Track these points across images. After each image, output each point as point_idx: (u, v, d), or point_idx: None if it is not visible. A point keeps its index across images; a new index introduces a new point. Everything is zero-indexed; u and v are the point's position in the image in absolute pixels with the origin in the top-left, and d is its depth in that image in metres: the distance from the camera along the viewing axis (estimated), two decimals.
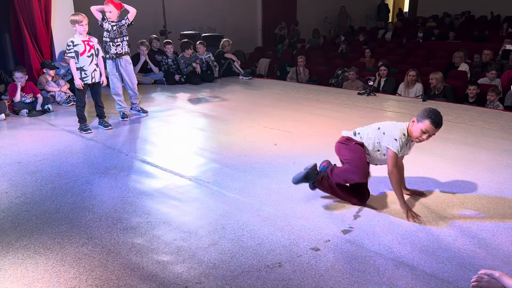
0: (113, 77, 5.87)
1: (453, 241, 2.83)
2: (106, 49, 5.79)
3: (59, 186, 3.77)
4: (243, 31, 13.68)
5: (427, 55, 10.18)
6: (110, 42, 5.75)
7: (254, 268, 2.57)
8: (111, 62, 5.83)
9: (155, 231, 3.01)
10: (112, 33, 5.73)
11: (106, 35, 5.76)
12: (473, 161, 4.26)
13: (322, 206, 3.34)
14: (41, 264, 2.64)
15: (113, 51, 5.78)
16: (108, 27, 5.73)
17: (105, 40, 5.78)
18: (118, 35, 5.76)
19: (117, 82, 5.91)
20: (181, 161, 4.40)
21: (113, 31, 5.72)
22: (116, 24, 5.74)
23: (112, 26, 5.72)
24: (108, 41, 5.76)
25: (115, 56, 5.81)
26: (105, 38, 5.78)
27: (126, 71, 5.92)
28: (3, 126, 5.82)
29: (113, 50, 5.77)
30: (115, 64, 5.84)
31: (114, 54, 5.79)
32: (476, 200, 3.42)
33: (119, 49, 5.80)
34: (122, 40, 5.80)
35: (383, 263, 2.60)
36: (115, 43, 5.76)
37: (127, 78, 5.95)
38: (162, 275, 2.52)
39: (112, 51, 5.77)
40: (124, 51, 5.87)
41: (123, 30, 5.80)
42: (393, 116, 6.18)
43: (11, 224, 3.12)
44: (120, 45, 5.80)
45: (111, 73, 5.86)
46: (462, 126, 5.49)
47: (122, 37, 5.79)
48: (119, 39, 5.77)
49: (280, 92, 7.88)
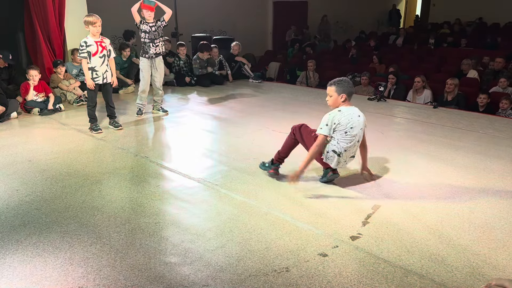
0: (146, 75, 6.04)
1: (463, 250, 2.80)
2: (145, 49, 5.94)
3: (68, 185, 3.80)
4: (254, 35, 13.71)
5: (438, 62, 10.12)
6: (150, 42, 5.91)
7: (261, 272, 2.56)
8: (147, 61, 5.98)
9: (163, 232, 3.02)
10: (151, 34, 5.90)
11: (144, 36, 5.91)
12: (484, 170, 4.22)
13: (331, 211, 3.32)
14: (50, 262, 2.66)
15: (153, 51, 5.94)
16: (146, 29, 5.87)
17: (144, 41, 5.94)
18: (157, 36, 5.94)
19: (149, 80, 6.09)
20: (190, 163, 4.41)
21: (152, 32, 5.90)
22: (154, 25, 5.90)
23: (151, 27, 5.88)
24: (147, 42, 5.91)
25: (154, 56, 5.98)
26: (143, 39, 5.94)
27: (159, 70, 6.11)
28: (15, 124, 5.88)
29: (152, 50, 5.93)
30: (151, 63, 6.01)
31: (154, 54, 5.96)
32: (487, 210, 3.38)
33: (158, 49, 5.98)
34: (160, 41, 5.99)
35: (392, 271, 2.58)
36: (155, 44, 5.93)
37: (158, 76, 6.14)
38: (170, 276, 2.52)
39: (151, 51, 5.93)
40: (162, 51, 6.07)
41: (160, 31, 5.98)
42: (403, 122, 6.15)
43: (21, 222, 3.15)
44: (159, 46, 5.99)
45: (144, 70, 6.02)
46: (474, 134, 5.44)
47: (160, 38, 5.98)
48: (158, 40, 5.95)
49: (289, 96, 7.86)
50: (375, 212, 3.31)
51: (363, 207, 3.40)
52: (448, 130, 5.60)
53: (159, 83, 6.17)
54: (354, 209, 3.36)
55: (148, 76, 6.06)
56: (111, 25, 7.73)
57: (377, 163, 4.35)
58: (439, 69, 9.44)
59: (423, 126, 5.83)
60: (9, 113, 5.96)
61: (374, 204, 3.43)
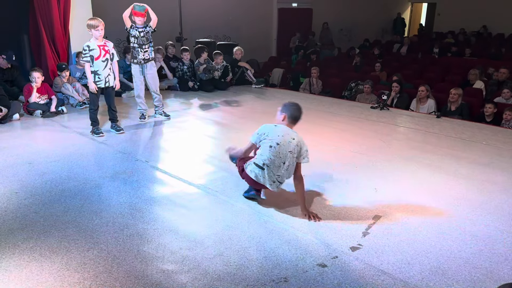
0: (138, 80, 6.06)
1: (464, 264, 2.76)
2: (134, 54, 5.96)
3: (68, 189, 3.78)
4: (258, 40, 13.74)
5: (442, 71, 10.09)
6: (139, 48, 5.92)
7: (260, 282, 2.53)
8: (138, 67, 6.00)
9: (161, 238, 2.99)
10: (140, 40, 5.89)
11: (134, 41, 5.92)
12: (487, 181, 4.18)
13: (331, 221, 3.29)
14: (46, 267, 2.63)
15: (141, 57, 5.95)
16: (135, 34, 5.88)
17: (133, 46, 5.95)
18: (145, 41, 5.94)
19: (141, 85, 6.11)
20: (191, 169, 4.39)
21: (140, 38, 5.90)
22: (143, 31, 5.91)
23: (139, 33, 5.88)
24: (136, 47, 5.92)
25: (143, 61, 5.98)
26: (133, 44, 5.95)
27: (151, 75, 6.12)
28: (17, 126, 5.89)
29: (141, 55, 5.94)
30: (141, 68, 6.02)
31: (142, 59, 5.96)
32: (489, 222, 3.34)
33: (146, 55, 5.98)
34: (149, 46, 5.99)
35: (391, 283, 2.55)
36: (143, 49, 5.93)
37: (152, 81, 6.15)
38: (166, 284, 2.49)
39: (140, 57, 5.95)
40: (151, 57, 6.06)
41: (148, 37, 5.97)
42: (406, 131, 6.12)
43: (19, 225, 3.13)
44: (147, 51, 5.98)
45: (135, 76, 6.06)
46: (477, 145, 5.40)
47: (149, 43, 5.98)
48: (146, 45, 5.95)
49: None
50: (376, 223, 3.27)
51: (364, 217, 3.37)
52: (451, 140, 5.56)
53: (154, 87, 6.16)
54: (354, 219, 3.33)
55: (140, 81, 6.07)
56: (116, 28, 7.74)
57: (378, 173, 4.33)
58: (443, 78, 9.41)
59: (426, 136, 5.79)
60: (11, 115, 5.96)
61: (375, 215, 3.40)
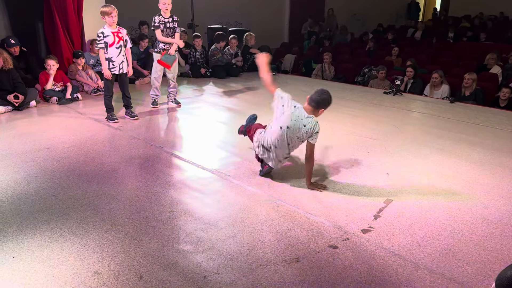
0: (158, 66, 6.10)
1: (475, 246, 2.79)
2: (156, 43, 6.02)
3: (85, 173, 3.88)
4: (270, 27, 13.65)
5: (457, 56, 9.95)
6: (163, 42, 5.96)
7: (272, 262, 2.59)
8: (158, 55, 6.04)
9: (176, 221, 3.07)
10: (165, 31, 5.93)
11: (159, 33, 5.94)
12: (500, 166, 4.17)
13: (343, 204, 3.34)
14: (66, 247, 2.73)
15: (161, 46, 5.98)
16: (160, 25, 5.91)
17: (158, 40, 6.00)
18: (170, 33, 5.98)
19: (160, 71, 6.16)
20: (204, 154, 4.45)
21: (166, 29, 5.93)
22: (168, 22, 5.93)
23: (165, 23, 5.91)
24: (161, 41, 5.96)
25: (163, 50, 6.01)
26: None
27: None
28: (34, 112, 6.01)
29: (161, 45, 5.98)
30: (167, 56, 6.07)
31: (162, 49, 5.99)
32: (501, 206, 3.35)
33: (167, 46, 6.00)
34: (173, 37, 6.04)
35: (402, 264, 2.59)
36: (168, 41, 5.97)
37: (172, 69, 6.19)
38: (182, 263, 2.57)
39: (160, 46, 5.98)
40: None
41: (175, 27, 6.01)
42: (419, 117, 6.09)
43: (39, 208, 3.24)
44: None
45: (155, 63, 6.10)
46: (490, 129, 5.37)
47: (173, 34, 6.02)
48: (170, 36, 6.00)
49: (304, 89, 7.82)
50: (387, 206, 3.31)
51: (375, 200, 3.40)
52: (464, 125, 5.53)
53: (172, 74, 6.24)
54: (366, 202, 3.37)
55: (160, 68, 6.09)
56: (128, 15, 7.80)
57: (390, 157, 4.34)
58: (458, 63, 9.29)
59: (439, 121, 5.77)
60: (28, 102, 6.09)
61: (386, 198, 3.43)
